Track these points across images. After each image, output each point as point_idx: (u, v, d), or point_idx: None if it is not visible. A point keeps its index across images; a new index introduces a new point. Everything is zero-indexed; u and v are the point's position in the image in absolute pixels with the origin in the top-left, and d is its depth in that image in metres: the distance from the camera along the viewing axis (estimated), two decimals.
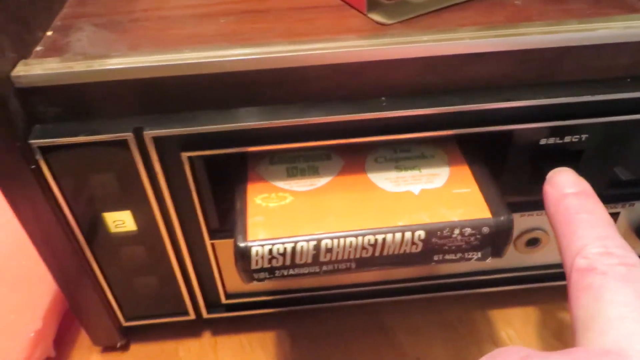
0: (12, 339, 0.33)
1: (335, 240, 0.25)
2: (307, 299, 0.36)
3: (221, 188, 0.30)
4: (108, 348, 0.37)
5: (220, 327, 0.38)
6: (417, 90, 0.26)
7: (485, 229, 0.25)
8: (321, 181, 0.28)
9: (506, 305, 0.38)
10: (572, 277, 0.22)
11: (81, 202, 0.28)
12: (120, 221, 0.30)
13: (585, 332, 0.21)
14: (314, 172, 0.29)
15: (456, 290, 0.37)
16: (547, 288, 0.37)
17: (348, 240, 0.25)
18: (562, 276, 0.36)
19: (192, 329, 0.38)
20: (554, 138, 0.28)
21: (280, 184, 0.28)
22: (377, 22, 0.27)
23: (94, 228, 0.30)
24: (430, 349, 0.36)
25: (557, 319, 0.37)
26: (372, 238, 0.25)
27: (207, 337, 0.38)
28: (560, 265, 0.36)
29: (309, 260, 0.26)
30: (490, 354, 0.23)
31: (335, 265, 0.26)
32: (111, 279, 0.33)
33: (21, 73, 0.24)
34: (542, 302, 0.38)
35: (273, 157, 0.30)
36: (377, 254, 0.26)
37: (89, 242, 0.30)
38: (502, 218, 0.26)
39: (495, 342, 0.36)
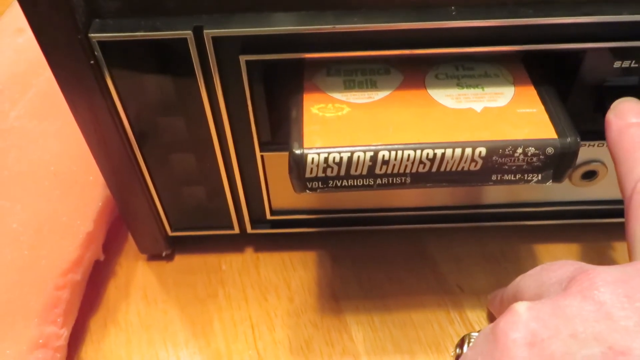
0: (64, 239, 0.34)
1: (393, 152, 0.25)
2: (351, 220, 0.36)
3: (275, 101, 0.29)
4: (154, 256, 0.38)
5: (263, 244, 0.38)
6: (490, 1, 0.25)
7: (550, 150, 0.25)
8: (379, 95, 0.28)
9: (551, 240, 0.37)
10: (632, 199, 0.22)
11: (136, 103, 0.28)
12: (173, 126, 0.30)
13: None
14: (372, 85, 0.28)
15: (501, 220, 0.36)
16: (596, 225, 0.36)
17: (406, 153, 0.25)
18: (612, 214, 0.35)
19: (236, 243, 0.38)
20: (629, 61, 0.26)
21: (337, 95, 0.28)
22: None
23: (147, 132, 0.30)
24: (470, 279, 0.36)
25: (604, 256, 0.36)
26: (430, 152, 0.25)
27: (249, 253, 0.38)
28: (611, 202, 0.35)
29: (364, 172, 0.25)
30: (544, 264, 0.23)
31: (390, 179, 0.26)
32: (160, 186, 0.33)
33: None
34: (589, 239, 0.37)
35: (330, 69, 0.29)
36: (434, 169, 0.25)
37: (141, 147, 0.30)
38: (568, 139, 0.25)
39: None
